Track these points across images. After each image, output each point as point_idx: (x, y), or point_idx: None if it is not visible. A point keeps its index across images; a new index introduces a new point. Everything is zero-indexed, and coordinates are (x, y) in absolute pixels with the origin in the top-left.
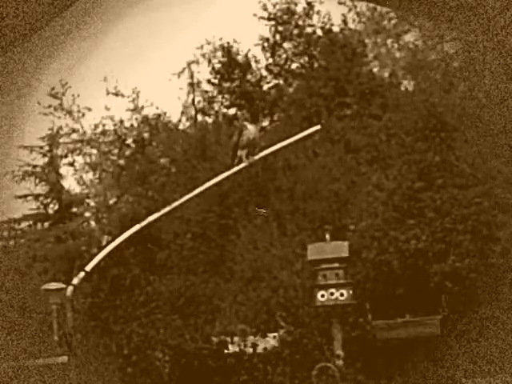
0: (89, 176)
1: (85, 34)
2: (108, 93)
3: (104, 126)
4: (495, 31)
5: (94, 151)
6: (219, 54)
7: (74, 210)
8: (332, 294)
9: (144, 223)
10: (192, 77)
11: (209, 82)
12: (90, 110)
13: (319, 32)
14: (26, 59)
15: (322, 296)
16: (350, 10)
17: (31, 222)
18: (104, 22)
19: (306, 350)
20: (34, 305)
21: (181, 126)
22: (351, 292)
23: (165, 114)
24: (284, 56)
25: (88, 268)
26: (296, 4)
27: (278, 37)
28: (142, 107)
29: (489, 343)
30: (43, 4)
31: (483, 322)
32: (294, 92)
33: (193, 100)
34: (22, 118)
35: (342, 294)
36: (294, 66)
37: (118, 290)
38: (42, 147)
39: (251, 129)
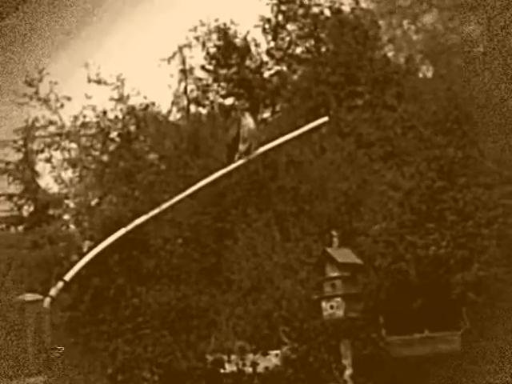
0: (68, 174)
1: (64, 14)
2: (89, 80)
3: (85, 117)
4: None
5: (74, 146)
6: (214, 36)
7: (52, 211)
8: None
9: (130, 227)
10: (184, 62)
11: (203, 68)
12: (69, 99)
13: (327, 12)
14: None
15: (325, 310)
16: None
17: (4, 226)
18: (86, 0)
19: (311, 369)
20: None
21: (171, 118)
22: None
23: (153, 104)
24: (287, 39)
25: (67, 277)
26: None
27: (280, 17)
28: (128, 96)
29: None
30: None
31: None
32: (298, 80)
33: (185, 89)
34: None
35: (331, 307)
36: (298, 50)
37: (101, 302)
38: (15, 141)
39: (250, 121)
